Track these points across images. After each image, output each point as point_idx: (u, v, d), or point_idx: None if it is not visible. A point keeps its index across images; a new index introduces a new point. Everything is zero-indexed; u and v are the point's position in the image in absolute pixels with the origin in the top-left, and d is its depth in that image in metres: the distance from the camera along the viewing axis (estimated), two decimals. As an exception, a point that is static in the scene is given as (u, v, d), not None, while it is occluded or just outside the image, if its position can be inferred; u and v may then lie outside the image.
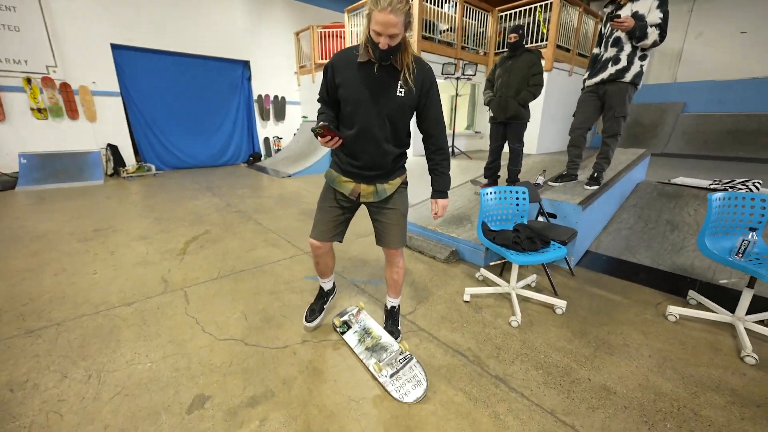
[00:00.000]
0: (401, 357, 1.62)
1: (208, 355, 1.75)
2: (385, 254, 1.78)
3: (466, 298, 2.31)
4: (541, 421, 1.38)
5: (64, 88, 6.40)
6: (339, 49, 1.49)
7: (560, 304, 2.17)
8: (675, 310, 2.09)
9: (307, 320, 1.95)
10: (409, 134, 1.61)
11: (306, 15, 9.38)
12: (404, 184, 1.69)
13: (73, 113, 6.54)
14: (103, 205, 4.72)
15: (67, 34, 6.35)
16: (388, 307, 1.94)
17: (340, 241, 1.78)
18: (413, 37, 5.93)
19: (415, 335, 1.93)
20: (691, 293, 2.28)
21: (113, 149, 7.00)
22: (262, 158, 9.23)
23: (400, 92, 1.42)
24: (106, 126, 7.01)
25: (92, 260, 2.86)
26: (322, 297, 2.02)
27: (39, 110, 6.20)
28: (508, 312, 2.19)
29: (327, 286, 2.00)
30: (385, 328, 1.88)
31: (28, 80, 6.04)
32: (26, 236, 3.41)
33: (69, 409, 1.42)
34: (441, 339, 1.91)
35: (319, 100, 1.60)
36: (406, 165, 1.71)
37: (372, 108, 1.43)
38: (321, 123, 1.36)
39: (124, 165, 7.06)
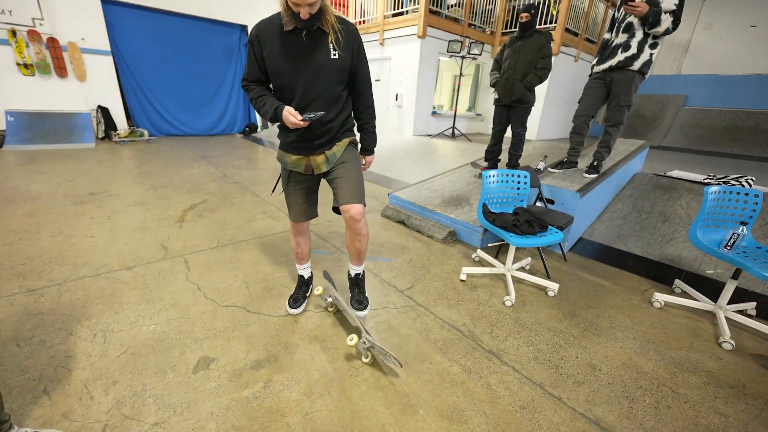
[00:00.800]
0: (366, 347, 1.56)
1: (211, 320, 1.79)
2: (345, 221, 1.62)
3: (463, 277, 2.37)
4: (530, 392, 1.47)
5: (52, 43, 6.08)
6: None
7: (552, 286, 2.25)
8: (660, 297, 2.19)
9: (291, 306, 1.87)
10: (348, 97, 1.58)
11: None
12: (353, 143, 1.65)
13: (61, 71, 6.26)
14: (97, 168, 4.62)
15: (54, -16, 5.97)
16: (352, 275, 1.88)
17: (316, 215, 1.80)
18: (419, 10, 5.74)
19: (412, 310, 2.00)
20: (677, 282, 2.38)
21: (104, 111, 6.77)
22: (259, 129, 9.04)
23: (334, 55, 1.39)
24: (97, 87, 6.74)
25: (89, 223, 2.83)
26: (303, 285, 1.98)
27: (25, 65, 5.91)
28: (502, 292, 2.26)
29: (306, 273, 1.97)
30: (351, 298, 1.87)
31: (13, 32, 5.72)
32: (19, 197, 3.34)
33: (76, 364, 1.45)
34: (437, 314, 1.98)
35: (247, 80, 1.49)
36: (354, 129, 1.69)
37: (309, 76, 1.39)
38: (319, 113, 1.36)
39: (115, 129, 6.86)
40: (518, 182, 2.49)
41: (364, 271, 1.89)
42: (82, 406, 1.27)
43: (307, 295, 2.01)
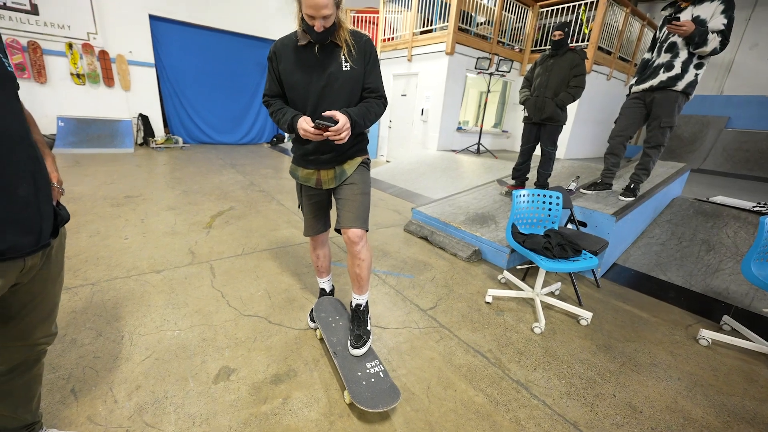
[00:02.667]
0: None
1: (233, 329, 1.79)
2: (346, 244, 1.56)
3: (488, 299, 2.28)
4: (563, 431, 1.36)
5: (103, 55, 6.55)
6: (373, 35, 1.44)
7: (585, 315, 2.12)
8: (707, 334, 2.01)
9: (312, 320, 1.84)
10: None
11: (341, -2, 9.26)
12: (365, 163, 1.61)
13: (109, 81, 6.70)
14: (134, 172, 4.85)
15: (109, 2, 6.46)
16: (353, 305, 1.67)
17: (326, 230, 1.80)
18: (448, 27, 5.79)
19: (435, 332, 1.93)
20: (726, 318, 2.19)
21: (144, 119, 7.17)
22: (285, 140, 9.29)
23: (346, 66, 1.41)
24: (139, 96, 7.16)
25: (124, 225, 2.95)
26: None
27: (78, 75, 6.38)
28: (530, 318, 2.15)
29: (327, 286, 1.95)
30: (351, 331, 1.62)
31: (70, 45, 6.20)
32: (64, 198, 3.54)
33: (103, 366, 1.48)
34: (462, 338, 1.90)
35: (268, 96, 1.53)
36: (366, 149, 1.64)
37: (321, 89, 1.42)
38: (331, 123, 1.30)
39: (153, 135, 7.23)
40: (550, 203, 2.39)
41: (367, 303, 1.68)
42: (105, 410, 1.28)
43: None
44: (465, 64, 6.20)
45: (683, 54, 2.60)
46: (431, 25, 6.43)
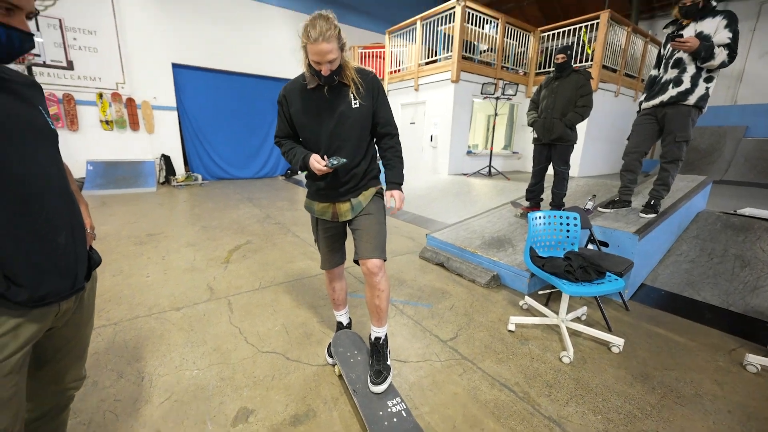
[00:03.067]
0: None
1: (251, 366, 1.77)
2: (364, 275, 1.57)
3: (511, 327, 2.19)
4: (605, 475, 1.25)
5: (130, 102, 7.03)
6: (380, 69, 1.51)
7: (617, 341, 2.00)
8: (755, 360, 1.86)
9: (330, 355, 1.80)
10: (372, 143, 1.63)
11: (348, 36, 9.65)
12: (379, 193, 1.65)
13: (134, 125, 7.15)
14: (156, 210, 5.05)
15: (137, 55, 7.02)
16: (372, 338, 1.64)
17: (343, 262, 1.81)
18: (452, 57, 5.99)
19: (458, 364, 1.85)
20: (772, 341, 2.03)
21: (166, 159, 7.54)
22: (299, 172, 9.54)
23: (356, 104, 1.46)
24: (162, 137, 7.59)
25: (146, 263, 3.03)
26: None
27: (107, 122, 6.84)
28: (557, 346, 2.05)
29: (344, 319, 1.94)
30: (371, 367, 1.58)
31: (101, 95, 6.70)
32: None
33: (123, 410, 1.47)
34: (486, 370, 1.81)
35: (279, 137, 1.62)
36: (378, 177, 1.67)
37: (332, 126, 1.46)
38: (342, 160, 1.41)
39: (174, 174, 7.57)
40: (567, 224, 2.34)
41: (386, 336, 1.65)
42: (125, 457, 1.26)
43: None
44: (471, 90, 6.35)
45: (691, 68, 2.59)
46: (435, 56, 6.68)
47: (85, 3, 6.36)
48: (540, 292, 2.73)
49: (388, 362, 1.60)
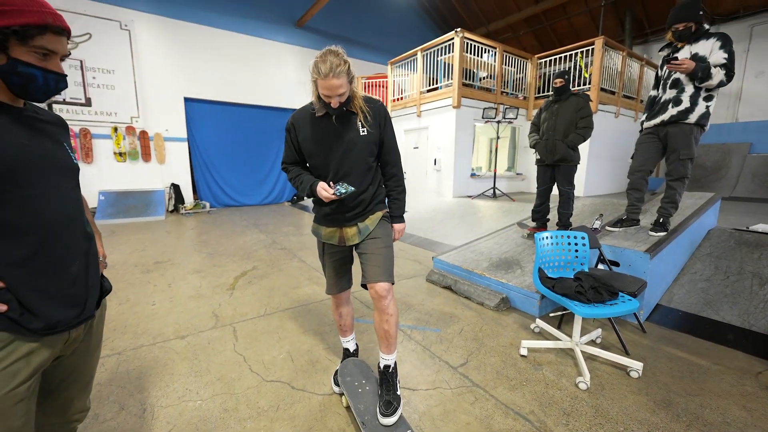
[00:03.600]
0: None
1: (255, 396, 1.72)
2: (373, 299, 1.56)
3: (523, 351, 2.11)
4: None
5: (143, 135, 7.31)
6: (383, 98, 1.57)
7: (635, 366, 1.91)
8: (784, 383, 1.75)
9: (336, 384, 1.75)
10: (378, 168, 1.65)
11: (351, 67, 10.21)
12: (385, 217, 1.65)
13: (146, 156, 7.39)
14: (164, 238, 5.11)
15: (151, 90, 7.38)
16: (382, 366, 1.59)
17: (349, 287, 1.79)
18: (453, 84, 6.19)
19: (469, 392, 1.78)
20: (801, 363, 1.92)
21: (176, 188, 7.72)
22: (305, 198, 9.68)
23: (363, 131, 1.49)
24: (172, 167, 7.81)
25: (152, 291, 3.03)
26: (348, 358, 1.86)
27: (120, 154, 7.09)
28: (572, 371, 1.96)
29: (351, 346, 1.87)
30: (380, 397, 1.52)
31: (115, 129, 6.99)
32: (98, 266, 3.73)
33: (124, 444, 1.42)
34: (499, 398, 1.73)
35: (286, 163, 1.66)
36: (384, 202, 1.70)
37: (341, 154, 1.49)
38: (350, 188, 1.44)
39: (183, 202, 7.72)
40: (576, 243, 2.31)
41: (395, 364, 1.60)
42: (123, 496, 1.20)
43: None
44: (472, 115, 6.50)
45: (689, 88, 2.64)
46: (437, 84, 6.91)
47: (106, 45, 6.78)
48: (551, 315, 2.65)
49: (398, 392, 1.55)
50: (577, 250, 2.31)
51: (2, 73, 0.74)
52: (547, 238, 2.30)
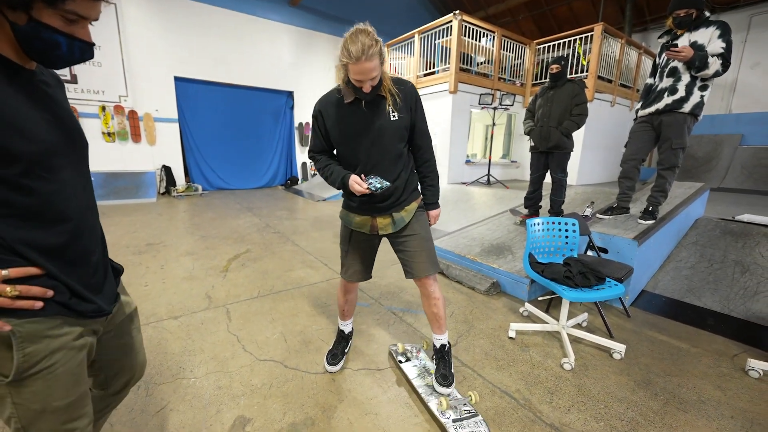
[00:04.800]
0: (466, 408, 1.50)
1: (249, 375, 1.75)
2: (417, 286, 1.65)
3: (511, 334, 2.17)
4: (609, 483, 1.22)
5: (132, 114, 7.13)
6: None
7: (618, 348, 1.98)
8: (757, 365, 1.84)
9: (329, 363, 1.80)
10: (410, 154, 1.60)
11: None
12: (421, 207, 1.63)
13: (136, 137, 7.23)
14: (156, 221, 5.05)
15: (140, 68, 7.15)
16: (437, 346, 1.71)
17: (369, 278, 1.76)
18: (450, 69, 6.10)
19: (457, 371, 1.83)
20: (775, 346, 2.01)
21: (167, 170, 7.60)
22: (299, 182, 9.61)
23: (395, 116, 1.43)
24: (163, 149, 7.66)
25: (144, 273, 3.02)
26: (343, 340, 1.92)
27: (109, 134, 6.91)
28: (558, 352, 2.03)
29: (348, 328, 1.93)
30: (436, 371, 1.65)
31: (103, 108, 6.80)
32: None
33: (118, 419, 1.45)
34: (486, 377, 1.79)
35: (313, 152, 1.59)
36: (418, 188, 1.65)
37: (371, 141, 1.43)
38: (386, 183, 1.38)
39: (175, 184, 7.61)
40: (566, 230, 2.35)
41: (449, 343, 1.73)
42: (119, 467, 1.23)
43: (346, 351, 1.92)
44: (469, 101, 6.44)
45: (686, 77, 2.64)
46: (433, 68, 6.80)
47: (91, 19, 6.50)
48: (540, 299, 2.71)
49: (452, 369, 1.67)
50: (567, 237, 2.35)
51: (22, 36, 0.63)
52: (538, 224, 2.33)
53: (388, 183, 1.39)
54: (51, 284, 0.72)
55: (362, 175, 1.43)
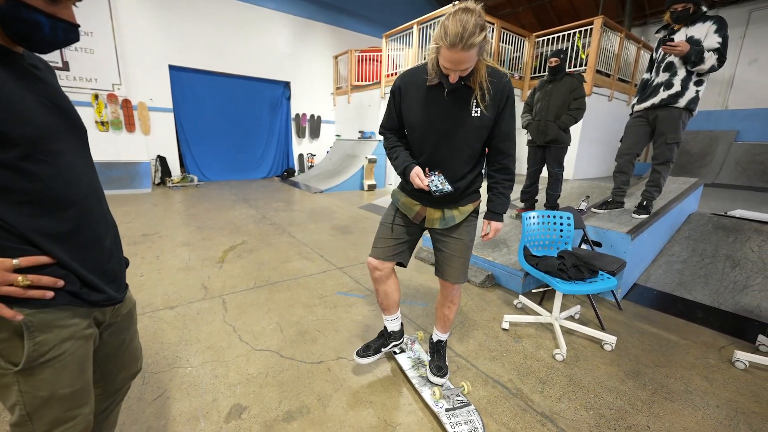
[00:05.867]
0: (459, 398, 1.52)
1: (245, 364, 1.77)
2: (441, 285, 1.61)
3: (505, 325, 2.20)
4: (596, 469, 1.26)
5: (126, 103, 7.01)
6: (377, 72, 1.42)
7: (609, 339, 2.02)
8: (743, 356, 1.88)
9: (358, 354, 1.67)
10: (484, 153, 1.45)
11: (345, 39, 9.85)
12: (475, 212, 1.51)
13: (130, 126, 7.13)
14: (151, 211, 5.02)
15: (132, 56, 7.02)
16: (434, 340, 1.72)
17: (404, 265, 1.61)
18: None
19: (451, 361, 1.86)
20: (761, 338, 2.05)
21: (162, 160, 7.51)
22: (296, 173, 9.55)
23: (476, 113, 1.27)
24: (158, 139, 7.57)
25: (140, 263, 3.02)
26: (383, 337, 1.74)
27: (102, 123, 6.81)
28: (550, 344, 2.06)
29: (391, 326, 1.71)
30: (430, 363, 1.68)
31: (96, 96, 6.68)
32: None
33: (115, 407, 1.46)
34: (479, 368, 1.82)
35: (384, 128, 1.48)
36: (479, 191, 1.52)
37: (443, 134, 1.32)
38: (449, 188, 1.29)
39: (170, 175, 7.54)
40: (561, 224, 2.37)
41: (446, 341, 1.74)
42: (116, 453, 1.25)
43: (383, 350, 1.72)
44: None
45: (682, 72, 2.64)
46: (432, 60, 6.73)
47: (82, 5, 6.32)
48: (534, 291, 2.75)
49: (447, 362, 1.70)
50: (561, 230, 2.37)
51: (2, 16, 0.61)
52: (533, 217, 2.35)
53: (449, 188, 1.28)
54: (61, 273, 0.72)
55: (426, 169, 1.34)
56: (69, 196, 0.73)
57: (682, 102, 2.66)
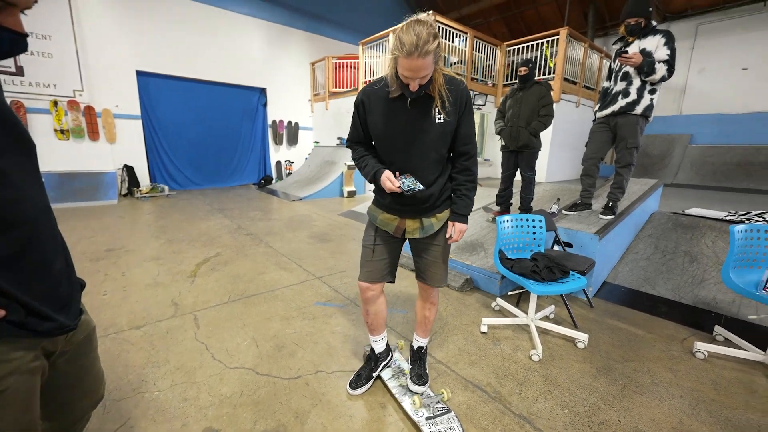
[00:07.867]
0: (439, 406, 1.52)
1: (218, 384, 1.69)
2: (420, 288, 1.65)
3: (483, 329, 2.23)
4: (572, 467, 1.29)
5: (88, 110, 6.67)
6: (354, 79, 1.44)
7: (581, 337, 2.09)
8: (702, 347, 2.00)
9: (351, 386, 1.66)
10: (449, 158, 1.49)
11: (321, 46, 9.83)
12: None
13: (94, 134, 6.77)
14: (117, 224, 4.77)
15: (96, 61, 6.69)
16: (415, 347, 1.73)
17: (392, 281, 1.62)
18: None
19: (431, 368, 1.86)
20: (718, 329, 2.19)
21: (129, 170, 7.18)
22: (273, 181, 9.38)
23: (439, 119, 1.32)
24: (125, 147, 7.23)
25: (103, 280, 2.85)
26: (371, 361, 1.73)
27: (62, 131, 6.43)
28: (527, 345, 2.11)
29: (379, 346, 1.72)
30: (411, 371, 1.67)
31: (55, 103, 6.31)
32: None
33: (74, 438, 1.35)
34: (459, 373, 1.83)
35: (351, 141, 1.52)
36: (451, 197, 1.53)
37: (410, 141, 1.35)
38: (419, 186, 1.31)
39: (138, 185, 7.20)
40: (534, 227, 2.44)
41: (427, 346, 1.75)
42: (74, 490, 1.15)
43: (374, 374, 1.71)
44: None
45: (637, 81, 2.81)
46: (406, 67, 6.82)
47: (38, 5, 6.01)
48: (510, 293, 2.81)
49: (427, 370, 1.71)
50: (534, 233, 2.44)
51: None
52: (507, 221, 2.41)
53: (421, 186, 1.32)
54: (3, 303, 0.65)
55: (396, 173, 1.36)
56: (14, 216, 0.67)
57: (638, 109, 2.82)
